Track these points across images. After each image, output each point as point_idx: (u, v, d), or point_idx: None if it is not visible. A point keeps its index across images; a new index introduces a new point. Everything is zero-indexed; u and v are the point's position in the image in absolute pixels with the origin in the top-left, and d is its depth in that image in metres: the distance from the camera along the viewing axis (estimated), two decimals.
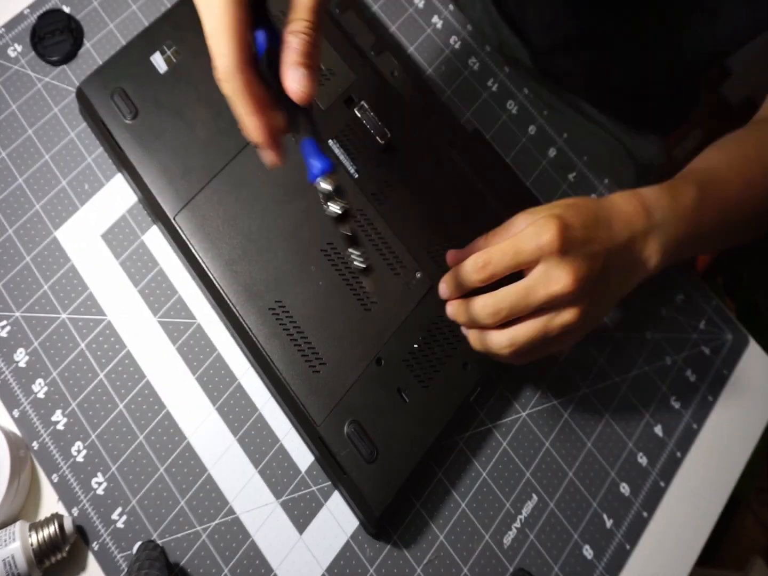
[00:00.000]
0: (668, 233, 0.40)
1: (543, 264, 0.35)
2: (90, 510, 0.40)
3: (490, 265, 0.36)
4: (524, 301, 0.36)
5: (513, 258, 0.36)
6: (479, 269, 0.37)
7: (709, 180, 0.43)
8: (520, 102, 0.54)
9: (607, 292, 0.38)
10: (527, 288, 0.36)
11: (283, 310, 0.41)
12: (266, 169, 0.43)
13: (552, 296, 0.35)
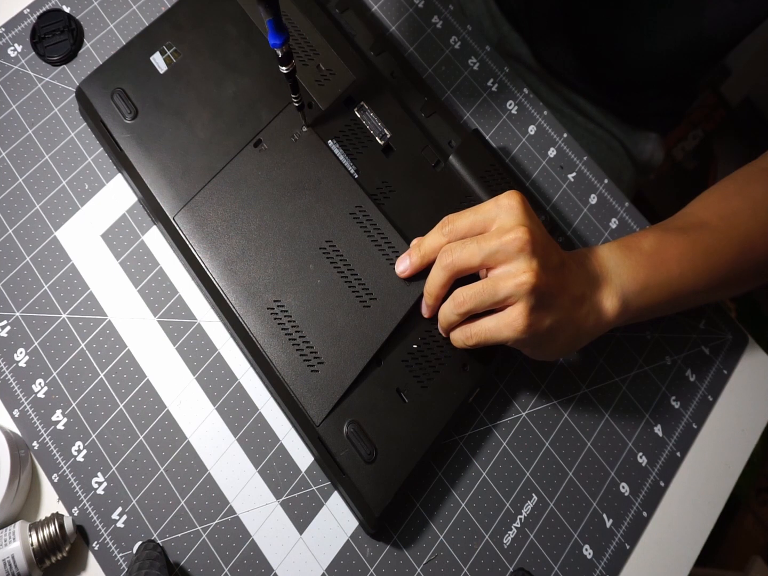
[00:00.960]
0: (623, 278, 0.40)
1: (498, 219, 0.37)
2: (90, 510, 0.40)
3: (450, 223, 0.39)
4: (475, 246, 0.37)
5: (472, 213, 0.38)
6: (441, 225, 0.39)
7: (680, 225, 0.43)
8: (520, 102, 0.54)
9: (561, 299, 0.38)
10: (480, 238, 0.37)
11: (282, 309, 0.41)
12: (265, 170, 0.43)
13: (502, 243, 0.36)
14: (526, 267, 0.36)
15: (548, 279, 0.36)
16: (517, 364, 0.47)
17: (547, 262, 0.37)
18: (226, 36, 0.46)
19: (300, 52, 0.46)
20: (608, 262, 0.41)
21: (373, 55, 0.48)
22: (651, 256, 0.41)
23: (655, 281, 0.41)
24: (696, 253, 0.41)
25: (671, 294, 0.41)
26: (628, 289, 0.40)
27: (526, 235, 0.36)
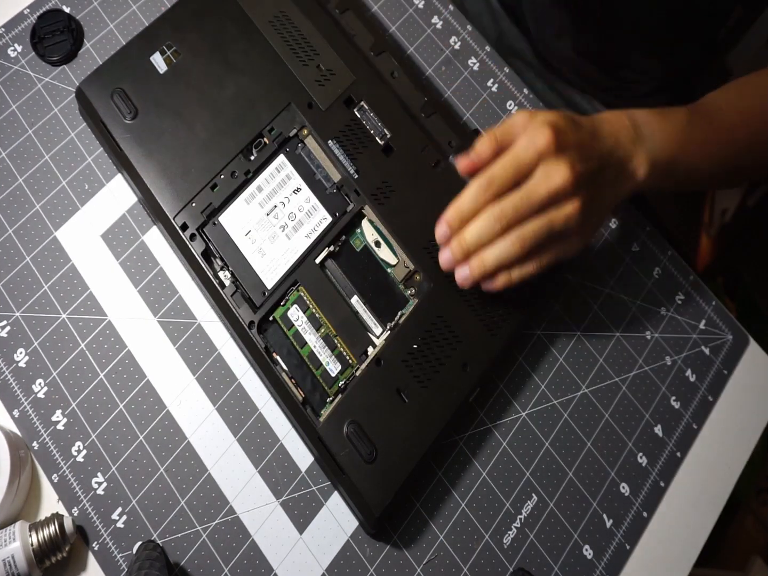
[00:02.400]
0: (655, 147, 0.41)
1: (542, 165, 0.37)
2: (90, 510, 0.40)
3: (494, 182, 0.37)
4: (527, 200, 0.36)
5: (514, 168, 0.37)
6: (484, 189, 0.37)
7: (703, 109, 0.45)
8: (520, 102, 0.54)
9: (602, 194, 0.39)
10: (529, 187, 0.37)
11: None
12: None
13: (553, 189, 0.36)
14: (576, 202, 0.37)
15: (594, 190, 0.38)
16: (517, 364, 0.47)
17: (591, 167, 0.38)
18: (226, 36, 0.46)
19: (300, 52, 0.46)
20: (645, 129, 0.41)
21: (373, 55, 0.48)
22: (681, 134, 0.42)
23: (680, 158, 0.42)
24: (715, 141, 0.44)
25: (689, 174, 0.44)
26: (658, 159, 0.41)
27: (574, 174, 0.36)
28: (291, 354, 0.41)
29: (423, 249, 0.43)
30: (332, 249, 0.43)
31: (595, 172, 0.38)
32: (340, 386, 0.41)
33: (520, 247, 0.37)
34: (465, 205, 0.37)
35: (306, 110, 0.45)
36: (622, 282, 0.51)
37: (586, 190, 0.37)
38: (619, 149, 0.40)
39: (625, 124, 0.41)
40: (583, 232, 0.39)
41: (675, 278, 0.52)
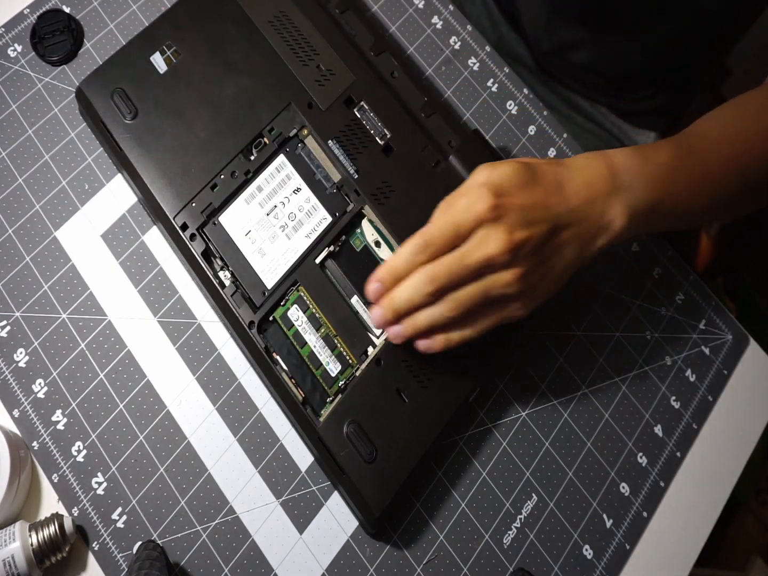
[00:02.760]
0: (636, 195, 0.38)
1: (479, 230, 0.35)
2: (90, 510, 0.40)
3: (430, 246, 0.36)
4: (461, 264, 0.35)
5: (452, 232, 0.35)
6: (419, 251, 0.36)
7: (691, 144, 0.41)
8: (520, 102, 0.54)
9: (557, 257, 0.37)
10: (464, 251, 0.35)
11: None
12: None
13: (488, 257, 0.35)
14: (515, 270, 0.35)
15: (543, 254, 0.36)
16: (517, 363, 0.47)
17: (537, 233, 0.36)
18: (226, 36, 0.46)
19: (300, 52, 0.46)
20: (624, 176, 0.38)
21: (373, 55, 0.48)
22: (665, 174, 0.39)
23: (663, 202, 0.39)
24: (704, 178, 0.41)
25: (675, 215, 0.41)
26: (638, 208, 0.38)
27: (513, 243, 0.35)
28: (291, 354, 0.41)
29: None
30: (332, 249, 0.43)
31: (545, 236, 0.36)
32: (340, 386, 0.41)
33: (455, 312, 0.36)
34: (399, 265, 0.36)
35: (306, 110, 0.45)
36: (622, 282, 0.51)
37: (530, 257, 0.36)
38: (592, 203, 0.37)
39: (602, 173, 0.38)
40: (530, 299, 0.37)
41: (675, 278, 0.52)
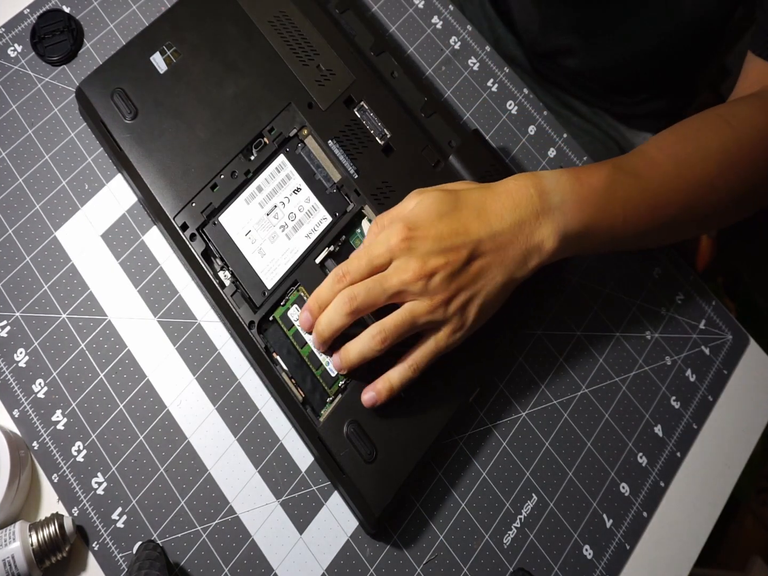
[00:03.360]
0: (567, 217, 0.38)
1: (395, 261, 0.37)
2: (90, 510, 0.40)
3: (348, 275, 0.37)
4: (379, 284, 0.36)
5: (368, 263, 0.37)
6: (339, 280, 0.38)
7: (631, 166, 0.41)
8: (520, 102, 0.54)
9: (485, 279, 0.38)
10: (381, 275, 0.37)
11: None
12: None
13: (402, 282, 0.36)
14: (435, 297, 0.36)
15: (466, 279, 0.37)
16: (517, 363, 0.47)
17: (454, 259, 0.37)
18: (226, 36, 0.46)
19: (300, 52, 0.46)
20: (554, 198, 0.38)
21: (373, 55, 0.48)
22: (599, 197, 0.39)
23: (597, 223, 0.39)
24: (642, 201, 0.40)
25: (610, 238, 0.40)
26: (569, 229, 0.38)
27: (426, 270, 0.36)
28: (291, 354, 0.41)
29: None
30: (332, 249, 0.43)
31: (463, 261, 0.37)
32: (340, 386, 0.41)
33: (381, 339, 0.37)
34: (322, 294, 0.38)
35: (306, 110, 0.45)
36: (622, 282, 0.51)
37: (449, 283, 0.36)
38: (519, 225, 0.38)
39: (530, 194, 0.38)
40: (461, 325, 0.38)
41: (675, 278, 0.52)
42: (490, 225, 0.38)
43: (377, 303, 0.37)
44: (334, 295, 0.38)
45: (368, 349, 0.37)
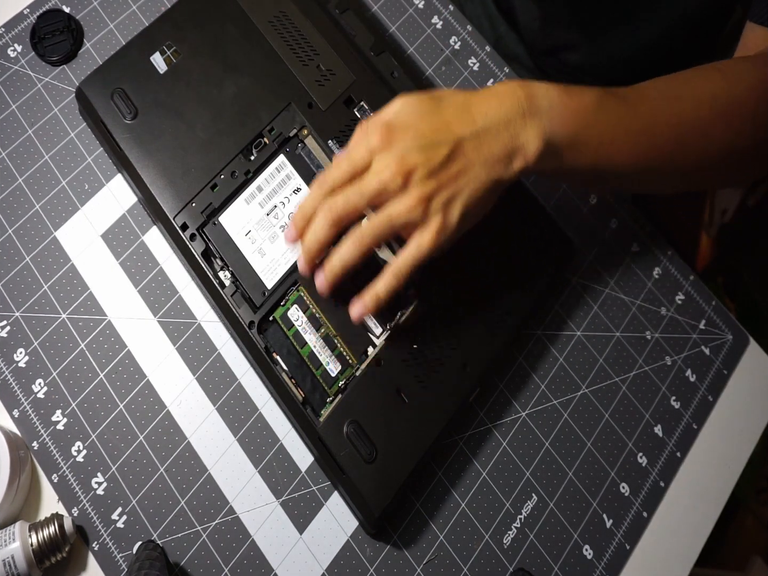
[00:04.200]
0: (554, 123, 0.37)
1: (374, 161, 0.36)
2: (90, 510, 0.40)
3: (328, 181, 0.37)
4: (359, 191, 0.36)
5: (349, 167, 0.37)
6: (320, 185, 0.38)
7: (623, 91, 0.40)
8: None
9: (467, 177, 0.36)
10: (360, 181, 0.36)
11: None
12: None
13: (381, 182, 0.36)
14: (414, 194, 0.35)
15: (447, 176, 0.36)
16: (517, 363, 0.47)
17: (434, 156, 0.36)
18: (226, 36, 0.46)
19: (300, 52, 0.46)
20: (542, 101, 0.37)
21: (373, 55, 0.48)
22: (588, 112, 0.38)
23: (584, 138, 0.38)
24: (631, 125, 0.39)
25: (595, 159, 0.39)
26: (555, 136, 0.37)
27: (405, 166, 0.35)
28: (291, 354, 0.41)
29: None
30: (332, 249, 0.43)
31: (444, 158, 0.36)
32: (340, 386, 0.41)
33: (359, 243, 0.36)
34: (306, 204, 0.38)
35: (306, 110, 0.45)
36: (622, 282, 0.51)
37: (429, 180, 0.36)
38: (504, 123, 0.37)
39: (517, 95, 0.37)
40: (441, 225, 0.36)
41: (675, 278, 0.52)
42: (474, 123, 0.37)
43: (358, 208, 0.36)
44: (316, 203, 0.38)
45: (348, 254, 0.37)
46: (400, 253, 0.37)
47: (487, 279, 0.44)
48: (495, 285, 0.44)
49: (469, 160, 0.36)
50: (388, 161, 0.36)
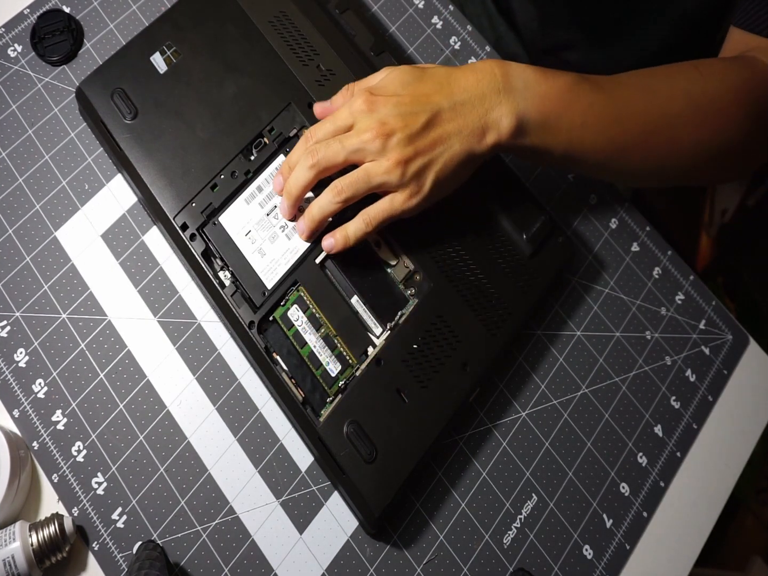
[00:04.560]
0: (528, 102, 0.39)
1: (356, 123, 0.39)
2: (90, 510, 0.40)
3: (314, 136, 0.40)
4: (339, 143, 0.39)
5: (333, 126, 0.40)
6: (306, 140, 0.40)
7: (599, 78, 0.42)
8: None
9: (443, 146, 0.39)
10: (343, 137, 0.39)
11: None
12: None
13: (361, 140, 0.38)
14: (392, 156, 0.38)
15: (425, 144, 0.38)
16: (517, 363, 0.47)
17: (412, 122, 0.38)
18: (226, 36, 0.46)
19: (300, 52, 0.46)
20: (516, 81, 0.39)
21: (373, 55, 0.48)
22: (562, 94, 0.40)
23: (555, 119, 0.40)
24: (603, 111, 0.41)
25: (567, 141, 0.41)
26: (528, 115, 0.39)
27: (384, 129, 0.38)
28: (291, 354, 0.41)
29: (423, 249, 0.43)
30: None
31: (422, 125, 0.38)
32: (340, 386, 0.41)
33: (337, 193, 0.39)
34: (292, 156, 0.41)
35: (306, 110, 0.45)
36: (622, 282, 0.51)
37: (407, 145, 0.38)
38: (479, 98, 0.39)
39: (493, 72, 0.39)
40: (416, 189, 0.39)
41: (675, 278, 0.52)
42: (452, 96, 0.39)
43: (337, 159, 0.39)
44: (301, 155, 0.40)
45: (327, 202, 0.39)
46: (375, 204, 0.40)
47: (486, 278, 0.44)
48: (495, 285, 0.44)
49: (445, 130, 0.39)
50: (369, 123, 0.38)
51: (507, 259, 0.44)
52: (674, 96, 0.42)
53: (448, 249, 0.44)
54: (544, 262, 0.45)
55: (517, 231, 0.45)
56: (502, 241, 0.45)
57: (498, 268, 0.44)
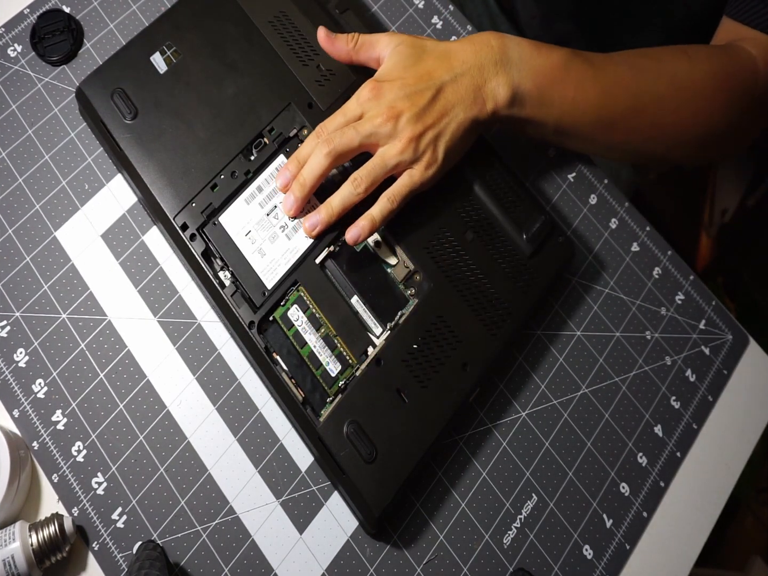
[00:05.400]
0: (523, 73, 0.41)
1: (366, 112, 0.41)
2: (90, 510, 0.40)
3: (325, 130, 0.41)
4: (353, 130, 0.40)
5: (342, 117, 0.41)
6: (317, 135, 0.41)
7: (591, 55, 0.44)
8: None
9: (448, 117, 0.41)
10: (356, 124, 0.40)
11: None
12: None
13: (373, 125, 0.40)
14: (404, 136, 0.40)
15: (432, 118, 0.40)
16: (517, 363, 0.47)
17: (419, 101, 0.40)
18: (226, 36, 0.46)
19: (300, 52, 0.46)
20: (513, 53, 0.42)
21: None
22: (556, 68, 0.42)
23: (548, 92, 0.42)
24: (594, 85, 0.43)
25: (560, 114, 0.43)
26: (523, 86, 0.42)
27: (393, 112, 0.39)
28: (291, 354, 0.41)
29: (423, 249, 0.43)
30: (332, 249, 0.43)
31: (428, 102, 0.40)
32: (340, 386, 0.41)
33: (361, 186, 0.40)
34: (302, 150, 0.41)
35: (306, 110, 0.45)
36: (622, 282, 0.51)
37: (416, 123, 0.40)
38: (478, 69, 0.41)
39: (490, 44, 0.41)
40: (431, 160, 0.41)
41: (675, 278, 0.52)
42: (453, 69, 0.41)
43: (353, 144, 0.40)
44: (312, 150, 0.41)
45: (347, 194, 0.41)
46: (395, 183, 0.41)
47: (486, 278, 0.44)
48: (495, 285, 0.44)
49: (449, 102, 0.41)
50: (378, 109, 0.40)
51: (507, 259, 0.45)
52: (660, 77, 0.44)
53: (448, 249, 0.44)
54: (544, 262, 0.45)
55: (517, 231, 0.45)
56: (502, 241, 0.45)
57: (498, 268, 0.44)
